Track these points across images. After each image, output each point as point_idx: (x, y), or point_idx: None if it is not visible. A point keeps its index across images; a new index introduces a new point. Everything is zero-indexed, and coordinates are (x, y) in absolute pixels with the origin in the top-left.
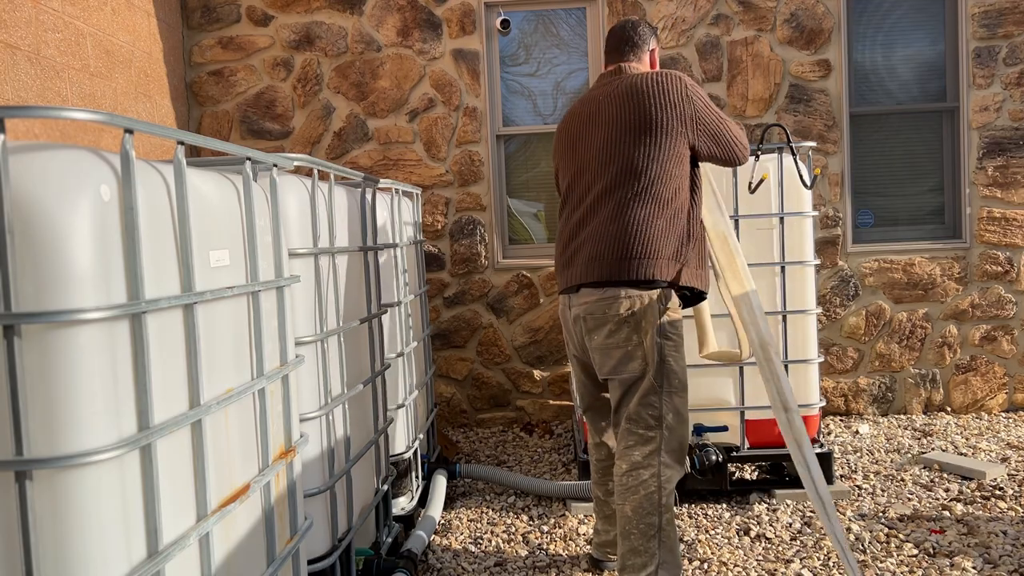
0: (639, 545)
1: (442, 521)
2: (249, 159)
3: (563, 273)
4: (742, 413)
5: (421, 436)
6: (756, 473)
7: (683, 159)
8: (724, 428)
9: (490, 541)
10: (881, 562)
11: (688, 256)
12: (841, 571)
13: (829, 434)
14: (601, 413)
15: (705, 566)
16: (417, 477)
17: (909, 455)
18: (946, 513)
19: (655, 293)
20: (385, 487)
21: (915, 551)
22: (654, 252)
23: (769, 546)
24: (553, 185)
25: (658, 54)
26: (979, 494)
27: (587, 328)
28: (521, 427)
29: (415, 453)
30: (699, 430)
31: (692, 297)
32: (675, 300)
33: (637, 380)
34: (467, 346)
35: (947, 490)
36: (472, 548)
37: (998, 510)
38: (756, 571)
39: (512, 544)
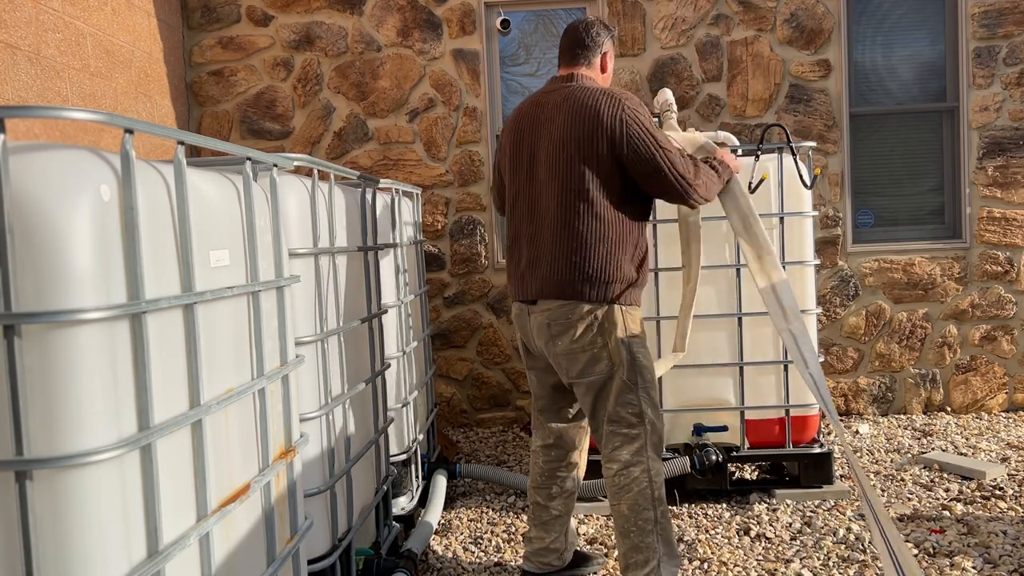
0: (639, 542)
1: (442, 521)
2: (249, 159)
3: (518, 284)
4: (742, 413)
5: (421, 436)
6: (756, 473)
7: (623, 178)
8: (724, 428)
9: (490, 541)
10: (881, 562)
11: (636, 278)
12: (841, 571)
13: (829, 434)
14: (555, 415)
15: (705, 566)
16: (417, 477)
17: (909, 455)
18: (946, 513)
19: (614, 305)
20: (385, 487)
21: (915, 551)
22: (604, 276)
23: (769, 546)
24: None
25: (612, 57)
26: (979, 494)
27: (551, 334)
28: (521, 427)
29: (415, 453)
30: (699, 430)
31: None
32: (634, 300)
33: (607, 381)
34: (467, 346)
35: (947, 490)
36: (472, 548)
37: (998, 510)
38: (756, 571)
39: (512, 544)
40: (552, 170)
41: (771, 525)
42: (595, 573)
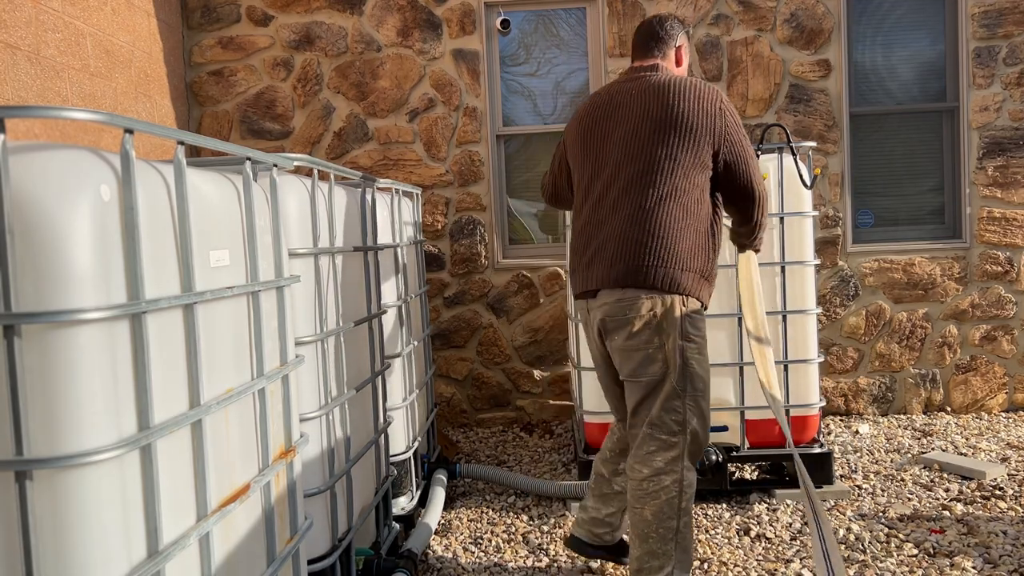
0: (657, 548)
1: (442, 521)
2: (249, 159)
3: (581, 275)
4: (742, 413)
5: (420, 437)
6: (756, 473)
7: (707, 168)
8: (724, 428)
9: (490, 541)
10: (881, 562)
11: (707, 270)
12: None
13: (829, 434)
14: (623, 401)
15: (705, 566)
16: (417, 477)
17: (909, 455)
18: (946, 513)
19: (676, 296)
20: (385, 487)
21: (915, 551)
22: (676, 261)
23: (769, 546)
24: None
25: (687, 51)
26: (979, 494)
27: (607, 330)
28: (521, 427)
29: (415, 453)
30: None
31: None
32: (695, 302)
33: (658, 383)
34: (467, 346)
35: (947, 490)
36: (472, 548)
37: (998, 510)
38: (756, 571)
39: (512, 544)
40: (631, 155)
41: (771, 525)
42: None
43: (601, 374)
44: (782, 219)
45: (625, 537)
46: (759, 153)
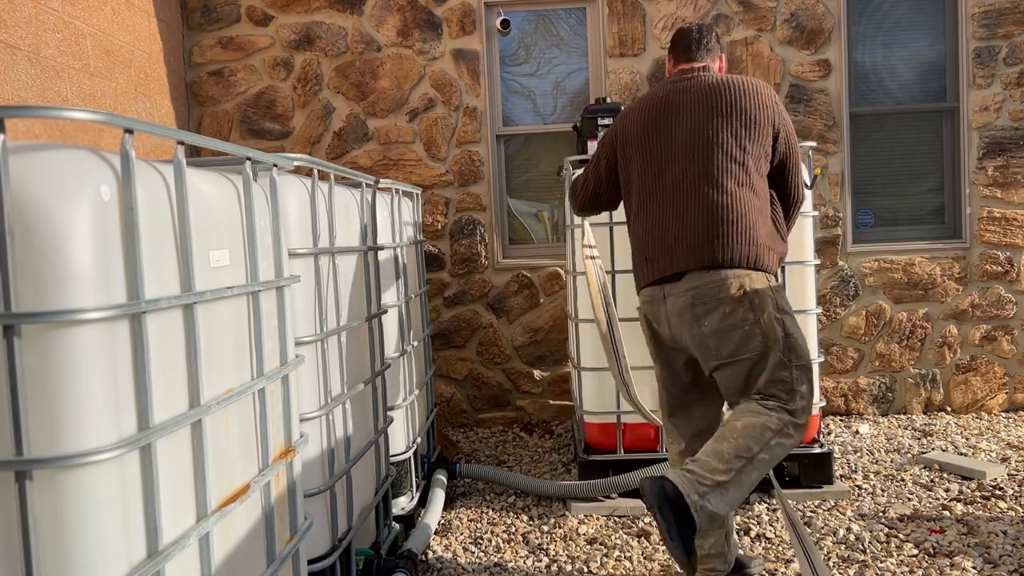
0: (727, 453)
1: (442, 521)
2: (249, 159)
3: (663, 262)
4: None
5: (420, 437)
6: None
7: (769, 158)
8: None
9: (490, 541)
10: (881, 562)
11: (781, 252)
12: (841, 571)
13: (829, 434)
14: (685, 418)
15: None
16: (417, 477)
17: (909, 455)
18: (946, 513)
19: (762, 274)
20: (385, 487)
21: (915, 551)
22: (758, 241)
23: (769, 546)
24: (555, 182)
25: (724, 66)
26: (979, 494)
27: (696, 315)
28: (521, 427)
29: (415, 453)
30: None
31: None
32: (775, 279)
33: (761, 358)
34: (467, 346)
35: (947, 490)
36: (472, 548)
37: (998, 510)
38: (756, 571)
39: (512, 544)
40: (702, 146)
41: (771, 525)
42: (761, 574)
43: (665, 365)
44: None
45: (740, 554)
46: None
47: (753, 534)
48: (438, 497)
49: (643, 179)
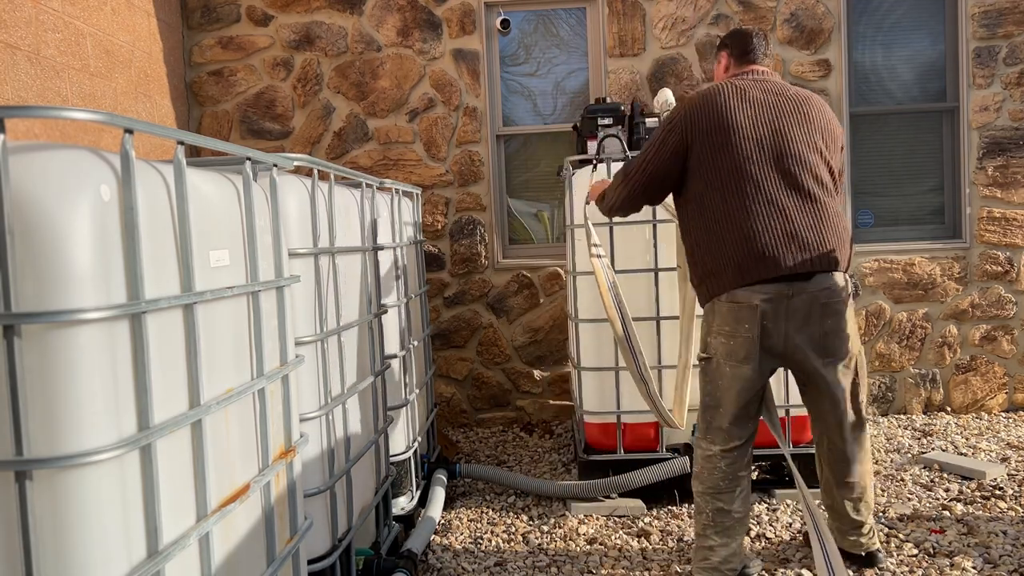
0: (870, 467)
1: (442, 521)
2: (249, 159)
3: (785, 259)
4: None
5: (420, 437)
6: (756, 473)
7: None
8: None
9: (490, 541)
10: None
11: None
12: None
13: None
14: (745, 419)
15: None
16: (417, 477)
17: (909, 455)
18: (946, 513)
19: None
20: (385, 487)
21: (915, 551)
22: (849, 247)
23: (769, 546)
24: (555, 183)
25: None
26: (979, 494)
27: (823, 314)
28: (521, 427)
29: (415, 453)
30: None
31: None
32: None
33: (857, 355)
34: (467, 346)
35: (947, 490)
36: (472, 548)
37: (998, 510)
38: (756, 571)
39: (512, 544)
40: (808, 150)
41: (771, 525)
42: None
43: (752, 364)
44: None
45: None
46: None
47: (753, 534)
48: (438, 497)
49: (752, 170)
